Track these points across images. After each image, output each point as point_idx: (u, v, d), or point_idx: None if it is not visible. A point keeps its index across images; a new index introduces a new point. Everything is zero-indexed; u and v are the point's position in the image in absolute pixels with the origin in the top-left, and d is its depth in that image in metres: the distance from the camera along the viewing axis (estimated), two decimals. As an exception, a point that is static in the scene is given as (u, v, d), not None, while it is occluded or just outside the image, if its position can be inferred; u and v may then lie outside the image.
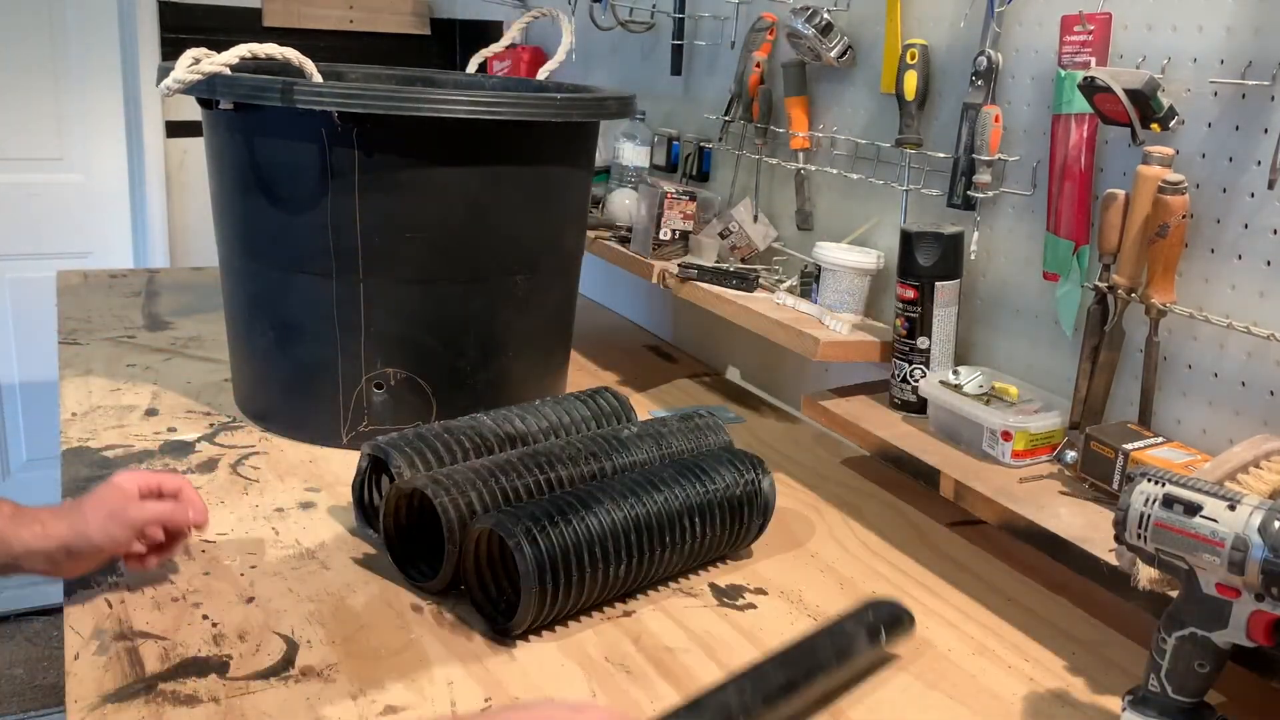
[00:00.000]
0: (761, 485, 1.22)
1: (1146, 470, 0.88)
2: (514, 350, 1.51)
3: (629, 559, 1.08)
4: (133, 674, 0.96)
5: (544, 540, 1.02)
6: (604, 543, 1.06)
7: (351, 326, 1.40)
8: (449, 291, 1.42)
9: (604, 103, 1.51)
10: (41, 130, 2.82)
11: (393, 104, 1.29)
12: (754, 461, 1.23)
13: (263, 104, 1.30)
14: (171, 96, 1.31)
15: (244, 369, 1.56)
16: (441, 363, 1.44)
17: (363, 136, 1.32)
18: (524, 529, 1.02)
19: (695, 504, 1.15)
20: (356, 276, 1.38)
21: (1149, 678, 0.89)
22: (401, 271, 1.40)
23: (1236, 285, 1.09)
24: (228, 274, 1.53)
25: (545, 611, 1.04)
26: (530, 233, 1.48)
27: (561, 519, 1.05)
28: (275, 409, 1.51)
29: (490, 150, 1.39)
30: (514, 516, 1.04)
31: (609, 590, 1.09)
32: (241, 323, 1.52)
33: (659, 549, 1.11)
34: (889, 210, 1.54)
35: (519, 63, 2.51)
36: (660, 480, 1.15)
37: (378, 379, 1.43)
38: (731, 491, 1.19)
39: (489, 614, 1.07)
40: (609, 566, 1.07)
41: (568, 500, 1.08)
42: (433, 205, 1.38)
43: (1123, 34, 1.18)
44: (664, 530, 1.12)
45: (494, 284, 1.45)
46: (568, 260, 1.58)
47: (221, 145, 1.44)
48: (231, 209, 1.47)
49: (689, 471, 1.18)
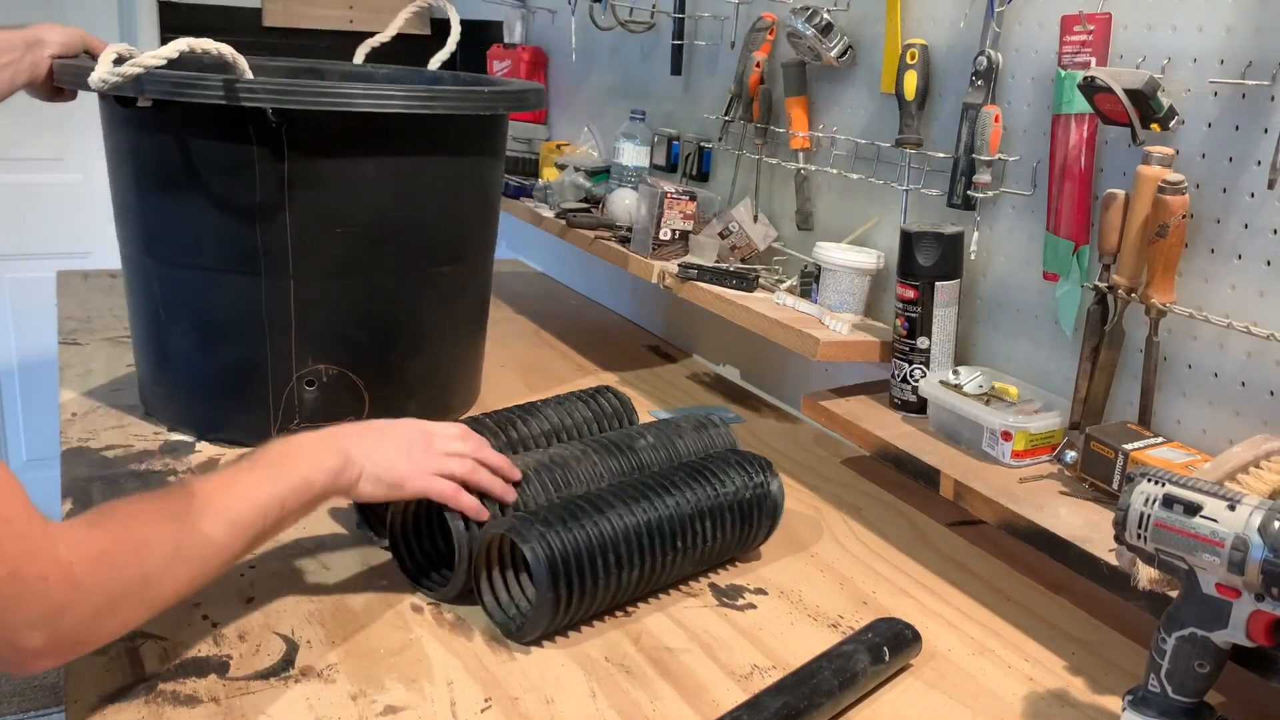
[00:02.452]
0: (770, 488, 1.22)
1: (1146, 470, 0.88)
2: (442, 340, 1.52)
3: (642, 564, 1.08)
4: (133, 674, 0.96)
5: (558, 545, 1.02)
6: (617, 548, 1.06)
7: (281, 324, 1.39)
8: (379, 284, 1.43)
9: (524, 95, 1.52)
10: (41, 130, 2.82)
11: (327, 99, 1.28)
12: (763, 464, 1.23)
13: (189, 100, 1.26)
14: (106, 91, 1.25)
15: (157, 373, 1.50)
16: (373, 356, 1.44)
17: (293, 132, 1.30)
18: (538, 534, 1.01)
19: (706, 508, 1.15)
20: (285, 273, 1.37)
21: (1149, 678, 0.89)
22: (331, 266, 1.39)
23: (1236, 285, 1.09)
24: (138, 275, 1.47)
25: (559, 618, 1.03)
26: (456, 223, 1.49)
27: (575, 524, 1.04)
28: (195, 412, 1.47)
29: (418, 142, 1.39)
30: (527, 522, 1.03)
31: (622, 595, 1.09)
32: (155, 325, 1.47)
33: (671, 554, 1.11)
34: (889, 210, 1.54)
35: (519, 63, 2.51)
36: (671, 484, 1.14)
37: (309, 376, 1.41)
38: (741, 495, 1.18)
39: (501, 620, 1.06)
40: (622, 572, 1.06)
41: (580, 505, 1.08)
42: (362, 199, 1.38)
43: (1123, 34, 1.18)
44: (676, 535, 1.11)
45: (423, 275, 1.46)
46: (487, 248, 1.60)
47: (135, 143, 1.40)
48: (145, 208, 1.43)
49: (698, 475, 1.17)
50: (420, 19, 2.97)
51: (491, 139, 1.54)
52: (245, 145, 1.31)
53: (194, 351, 1.44)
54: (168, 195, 1.39)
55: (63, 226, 2.93)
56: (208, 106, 1.25)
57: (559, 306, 2.33)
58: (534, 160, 2.35)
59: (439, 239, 1.48)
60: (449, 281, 1.50)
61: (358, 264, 1.40)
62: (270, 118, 1.27)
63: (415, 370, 1.49)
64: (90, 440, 1.44)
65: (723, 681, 1.01)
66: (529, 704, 0.96)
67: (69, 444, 1.42)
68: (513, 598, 1.08)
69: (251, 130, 1.30)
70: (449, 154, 1.45)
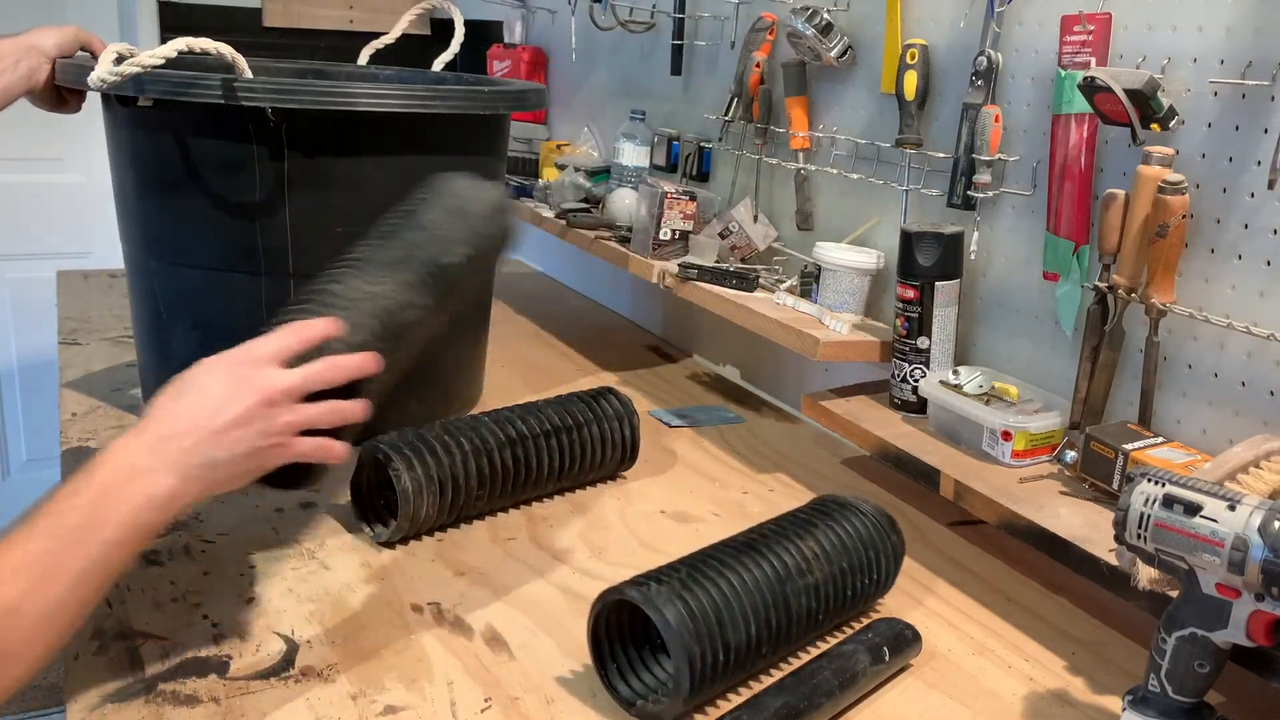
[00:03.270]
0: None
1: (1146, 470, 0.88)
2: (443, 339, 1.50)
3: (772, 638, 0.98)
4: (133, 674, 0.96)
5: (691, 607, 0.92)
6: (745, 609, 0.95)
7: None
8: None
9: (524, 95, 1.52)
10: (41, 130, 2.82)
11: (327, 99, 1.28)
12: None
13: (189, 100, 1.26)
14: (106, 90, 1.25)
15: (160, 373, 1.48)
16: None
17: (293, 132, 1.30)
18: (666, 597, 0.92)
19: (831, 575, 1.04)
20: (286, 272, 1.37)
21: (1149, 678, 0.89)
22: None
23: (1236, 285, 1.09)
24: (140, 274, 1.48)
25: (699, 687, 0.92)
26: None
27: (702, 582, 0.95)
28: None
29: (418, 142, 1.39)
30: (650, 584, 0.93)
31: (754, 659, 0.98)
32: (158, 325, 1.47)
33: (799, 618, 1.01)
34: (889, 210, 1.54)
35: (519, 63, 2.51)
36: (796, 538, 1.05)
37: None
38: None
39: (629, 695, 0.96)
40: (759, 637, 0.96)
41: (701, 565, 0.98)
42: (362, 198, 1.37)
43: (1123, 34, 1.18)
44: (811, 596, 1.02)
45: None
46: None
47: (136, 142, 1.41)
48: (147, 208, 1.43)
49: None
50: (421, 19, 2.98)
51: (492, 139, 1.54)
52: (245, 144, 1.31)
53: (196, 350, 1.42)
54: (168, 194, 1.40)
55: (63, 226, 2.93)
56: (207, 106, 1.25)
57: (559, 306, 2.33)
58: (534, 160, 2.35)
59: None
60: None
61: None
62: (269, 117, 1.28)
63: (416, 370, 1.48)
64: (90, 440, 1.44)
65: (723, 681, 1.01)
66: (529, 704, 0.96)
67: (69, 444, 1.42)
68: (639, 675, 0.98)
69: (251, 129, 1.30)
70: (450, 154, 1.45)
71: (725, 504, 1.39)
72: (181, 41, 1.20)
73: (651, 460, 1.50)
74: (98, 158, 1.54)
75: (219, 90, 1.24)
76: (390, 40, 1.76)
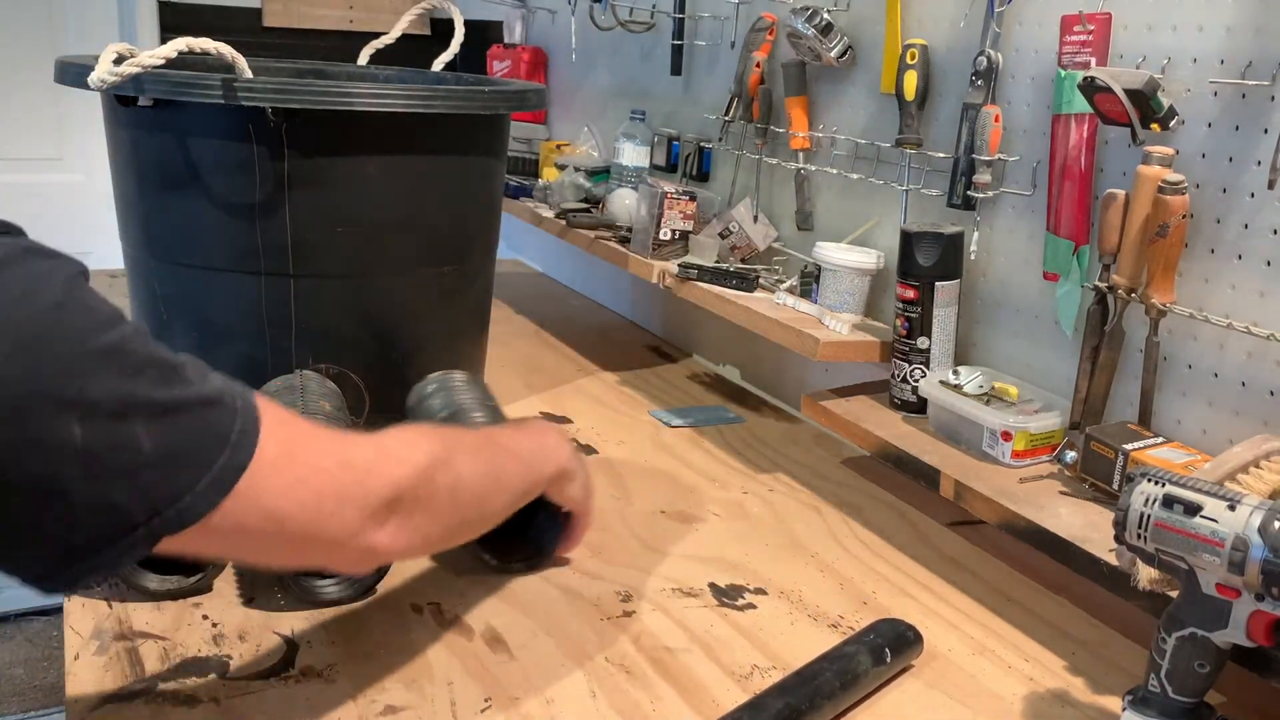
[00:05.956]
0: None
1: (1146, 470, 0.88)
2: (443, 340, 1.52)
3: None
4: (133, 674, 0.96)
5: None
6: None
7: (281, 324, 1.38)
8: (381, 285, 1.42)
9: (524, 94, 1.52)
10: (41, 130, 2.82)
11: (327, 99, 1.28)
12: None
13: (189, 100, 1.26)
14: (106, 90, 1.25)
15: None
16: (373, 356, 1.44)
17: (293, 132, 1.30)
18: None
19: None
20: (286, 272, 1.37)
21: (1149, 678, 0.89)
22: (331, 266, 1.38)
23: (1236, 285, 1.09)
24: (139, 274, 1.48)
25: None
26: (457, 223, 1.49)
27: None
28: None
29: (418, 142, 1.39)
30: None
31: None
32: (156, 324, 1.47)
33: None
34: (889, 210, 1.54)
35: (519, 63, 2.51)
36: None
37: None
38: None
39: None
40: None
41: None
42: (362, 198, 1.37)
43: (1123, 34, 1.18)
44: None
45: (424, 275, 1.46)
46: (488, 249, 1.60)
47: (136, 142, 1.40)
48: (147, 208, 1.43)
49: None
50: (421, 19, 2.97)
51: (493, 139, 1.54)
52: (245, 144, 1.31)
53: (195, 350, 1.41)
54: (168, 194, 1.39)
55: (63, 226, 2.91)
56: (207, 106, 1.25)
57: (559, 306, 2.33)
58: (534, 160, 2.35)
59: (440, 239, 1.48)
60: (450, 281, 1.50)
61: (358, 264, 1.40)
62: (270, 117, 1.28)
63: (416, 370, 1.49)
64: (90, 440, 1.43)
65: (723, 682, 1.01)
66: (529, 704, 0.96)
67: (69, 444, 1.42)
68: None
69: (251, 129, 1.29)
70: (450, 154, 1.44)
71: (725, 504, 1.39)
72: (181, 41, 1.20)
73: (651, 460, 1.50)
74: (98, 158, 1.54)
75: (219, 90, 1.24)
76: (390, 40, 1.76)
